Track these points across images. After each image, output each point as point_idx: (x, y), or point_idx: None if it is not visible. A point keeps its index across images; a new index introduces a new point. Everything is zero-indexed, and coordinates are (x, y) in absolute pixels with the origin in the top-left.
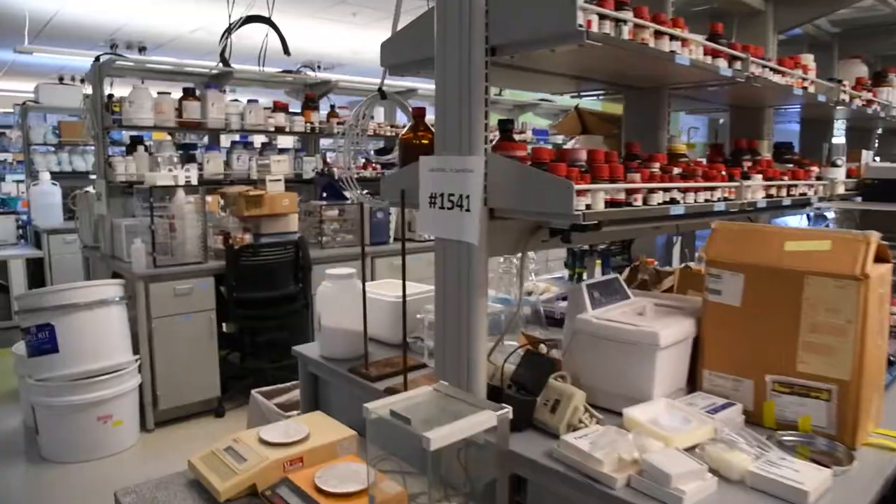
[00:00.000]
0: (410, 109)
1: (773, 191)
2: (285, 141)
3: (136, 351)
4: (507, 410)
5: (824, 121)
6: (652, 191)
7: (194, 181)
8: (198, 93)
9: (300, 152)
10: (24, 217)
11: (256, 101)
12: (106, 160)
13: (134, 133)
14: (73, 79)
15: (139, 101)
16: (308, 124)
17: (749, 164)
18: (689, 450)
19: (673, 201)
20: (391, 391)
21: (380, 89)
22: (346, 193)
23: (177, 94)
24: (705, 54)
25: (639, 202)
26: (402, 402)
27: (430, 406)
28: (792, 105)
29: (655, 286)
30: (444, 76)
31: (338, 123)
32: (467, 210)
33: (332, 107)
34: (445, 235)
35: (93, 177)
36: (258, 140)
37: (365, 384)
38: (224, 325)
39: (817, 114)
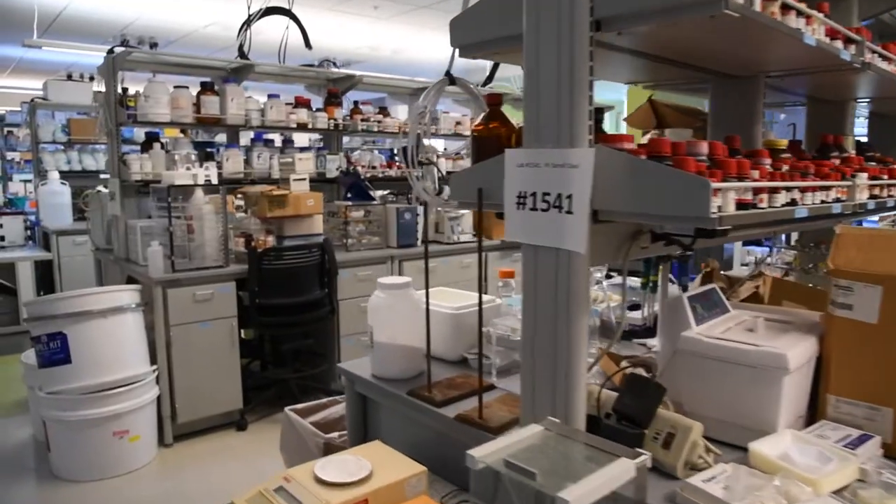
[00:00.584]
0: (482, 98)
1: (877, 190)
2: (300, 139)
3: (153, 361)
4: (646, 458)
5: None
6: (774, 191)
7: (214, 180)
8: (216, 87)
9: (322, 150)
10: (32, 217)
11: (278, 96)
12: (120, 158)
13: (149, 129)
14: (81, 76)
15: (155, 96)
16: (331, 121)
17: (837, 161)
18: (836, 494)
19: (793, 202)
20: (464, 419)
21: (448, 73)
22: (420, 191)
23: (193, 89)
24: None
25: (764, 203)
26: (512, 446)
27: (546, 451)
28: (865, 98)
29: (731, 295)
30: (536, 56)
31: (362, 120)
32: (568, 212)
33: (356, 103)
34: (540, 241)
35: (103, 176)
36: (274, 138)
37: (429, 409)
38: (243, 331)
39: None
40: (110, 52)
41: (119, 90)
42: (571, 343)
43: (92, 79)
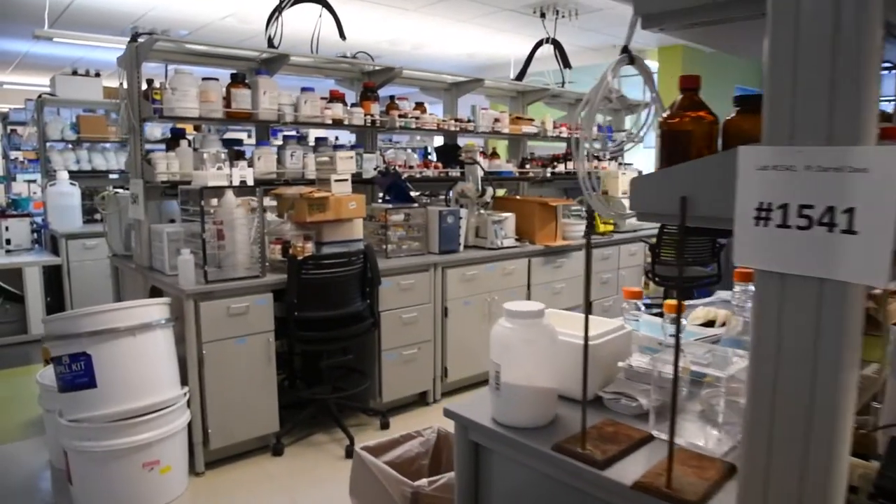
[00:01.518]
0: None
1: None
2: (330, 136)
3: (183, 381)
4: None
5: None
6: None
7: (250, 181)
8: (247, 80)
9: (356, 148)
10: (39, 219)
11: (312, 89)
12: (143, 157)
13: (175, 125)
14: (87, 72)
15: (183, 88)
16: (368, 117)
17: None
18: None
19: None
20: (648, 489)
21: (625, 48)
22: (596, 202)
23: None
24: None
25: None
26: None
27: None
28: None
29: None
30: (794, 18)
31: (399, 116)
32: (850, 232)
33: (392, 98)
34: (794, 269)
35: (113, 176)
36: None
37: (586, 471)
38: (275, 344)
39: None
40: (133, 39)
41: (143, 82)
42: (836, 403)
43: (98, 74)
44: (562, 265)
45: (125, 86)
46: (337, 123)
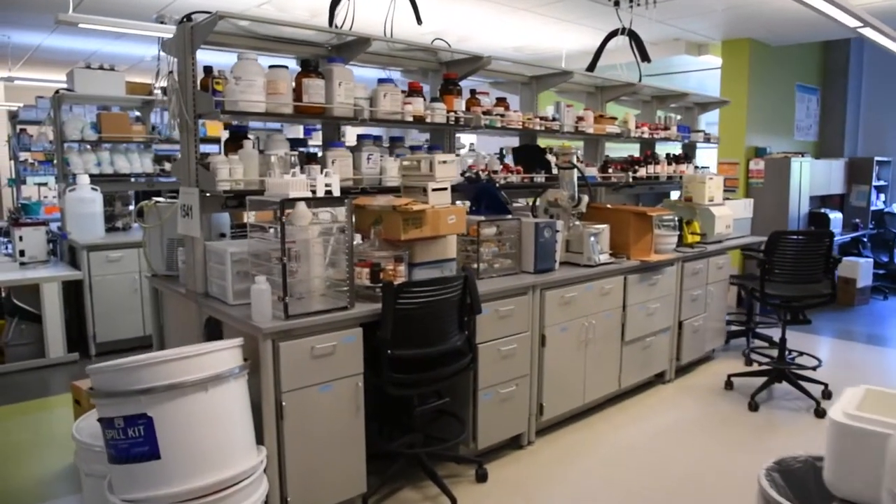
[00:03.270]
0: None
1: None
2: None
3: (258, 439)
4: None
5: None
6: None
7: (336, 191)
8: (320, 69)
9: (435, 150)
10: (56, 228)
11: (391, 80)
12: (199, 160)
13: (237, 122)
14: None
15: (248, 78)
16: (451, 113)
17: None
18: None
19: None
20: None
21: None
22: None
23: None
24: None
25: None
26: None
27: None
28: None
29: None
30: None
31: (483, 113)
32: None
33: (473, 92)
34: None
35: (135, 180)
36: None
37: None
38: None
39: None
40: (186, 19)
41: (198, 69)
42: None
43: (112, 69)
44: (656, 283)
45: (175, 75)
46: (418, 121)
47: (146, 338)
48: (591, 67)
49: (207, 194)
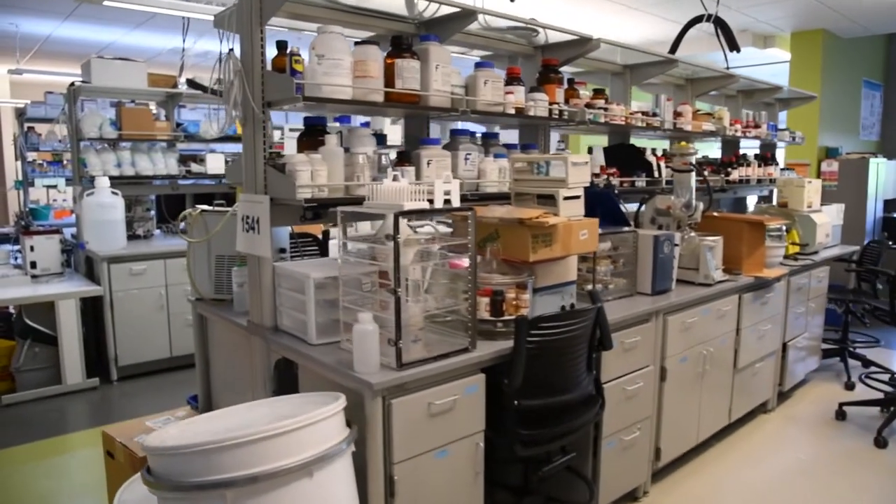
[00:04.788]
0: None
1: None
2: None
3: None
4: None
5: None
6: None
7: (456, 199)
8: (414, 48)
9: (531, 148)
10: (70, 236)
11: (490, 65)
12: (269, 160)
13: (314, 113)
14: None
15: (333, 55)
16: (554, 106)
17: None
18: None
19: None
20: None
21: None
22: None
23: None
24: None
25: None
26: None
27: None
28: None
29: None
30: None
31: (586, 106)
32: None
33: (571, 81)
34: None
35: (158, 183)
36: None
37: None
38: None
39: None
40: None
41: (265, 50)
42: None
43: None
44: (767, 301)
45: (238, 55)
46: (519, 113)
47: (174, 359)
48: (672, 51)
49: (279, 202)
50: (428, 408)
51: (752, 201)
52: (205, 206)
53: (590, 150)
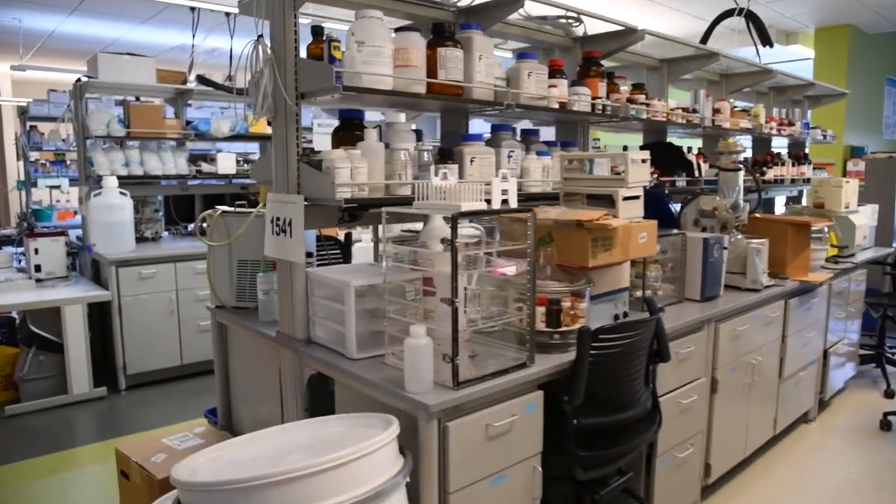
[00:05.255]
0: None
1: None
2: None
3: None
4: None
5: None
6: None
7: (513, 200)
8: (457, 36)
9: (570, 146)
10: (75, 237)
11: (533, 56)
12: (303, 156)
13: (350, 106)
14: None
15: (374, 42)
16: (597, 101)
17: None
18: None
19: None
20: None
21: None
22: None
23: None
24: None
25: None
26: None
27: None
28: None
29: None
30: None
31: (627, 101)
32: None
33: (610, 75)
34: None
35: (165, 183)
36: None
37: None
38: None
39: None
40: None
41: (298, 36)
42: None
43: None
44: (811, 307)
45: (268, 40)
46: (563, 108)
47: (184, 367)
48: (705, 39)
49: (315, 203)
50: (486, 430)
51: (779, 202)
52: (225, 207)
53: (625, 148)
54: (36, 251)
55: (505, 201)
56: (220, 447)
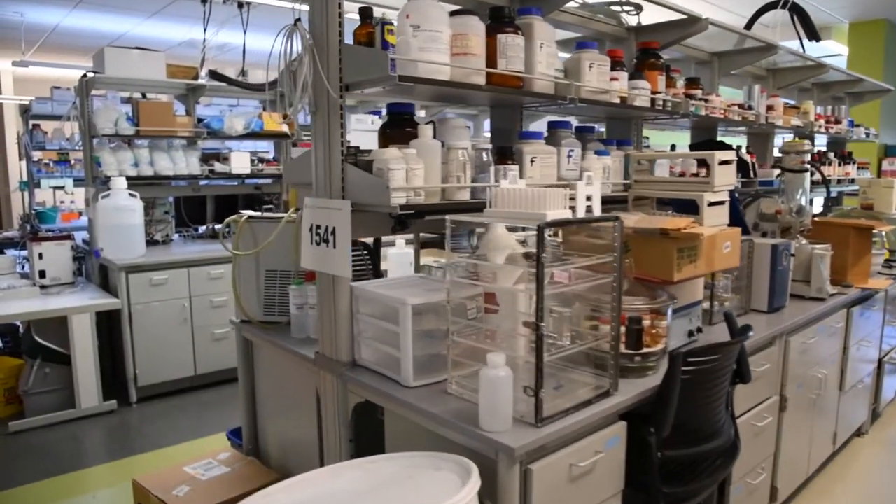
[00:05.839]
0: None
1: None
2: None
3: None
4: None
5: None
6: None
7: (597, 207)
8: (517, 21)
9: (626, 145)
10: (81, 241)
11: (593, 45)
12: (348, 155)
13: (400, 99)
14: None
15: (430, 26)
16: (657, 96)
17: None
18: None
19: None
20: None
21: None
22: None
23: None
24: None
25: None
26: None
27: None
28: None
29: None
30: None
31: (686, 95)
32: None
33: (667, 67)
34: None
35: (177, 184)
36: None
37: None
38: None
39: None
40: None
41: (342, 17)
42: None
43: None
44: (870, 315)
45: (306, 25)
46: (624, 103)
47: (198, 377)
48: (749, 26)
49: (363, 208)
50: (569, 470)
51: (817, 203)
52: (251, 212)
53: (673, 147)
54: (40, 256)
55: (589, 208)
56: (264, 495)
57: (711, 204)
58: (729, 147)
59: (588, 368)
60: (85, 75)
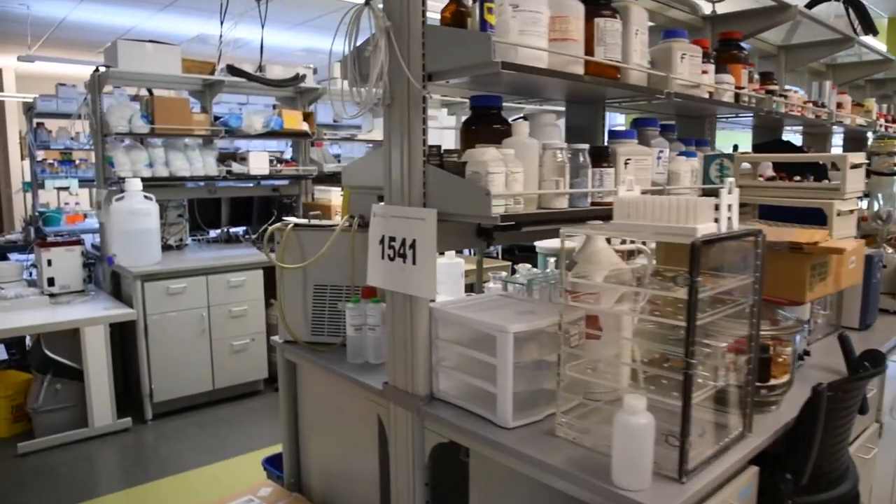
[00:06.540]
0: None
1: None
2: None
3: None
4: None
5: None
6: None
7: (736, 219)
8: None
9: (703, 145)
10: (90, 246)
11: (684, 34)
12: (431, 156)
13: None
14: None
15: (529, 6)
16: (741, 91)
17: None
18: None
19: None
20: None
21: None
22: None
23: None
24: None
25: None
26: None
27: None
28: None
29: None
30: None
31: (766, 92)
32: None
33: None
34: None
35: (192, 185)
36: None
37: None
38: None
39: None
40: None
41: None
42: None
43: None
44: None
45: (380, 8)
46: (712, 99)
47: (216, 392)
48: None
49: (450, 218)
50: None
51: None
52: (297, 220)
53: (735, 148)
54: (49, 262)
55: (729, 219)
56: None
57: (842, 213)
58: (800, 148)
59: (705, 404)
60: (97, 69)
